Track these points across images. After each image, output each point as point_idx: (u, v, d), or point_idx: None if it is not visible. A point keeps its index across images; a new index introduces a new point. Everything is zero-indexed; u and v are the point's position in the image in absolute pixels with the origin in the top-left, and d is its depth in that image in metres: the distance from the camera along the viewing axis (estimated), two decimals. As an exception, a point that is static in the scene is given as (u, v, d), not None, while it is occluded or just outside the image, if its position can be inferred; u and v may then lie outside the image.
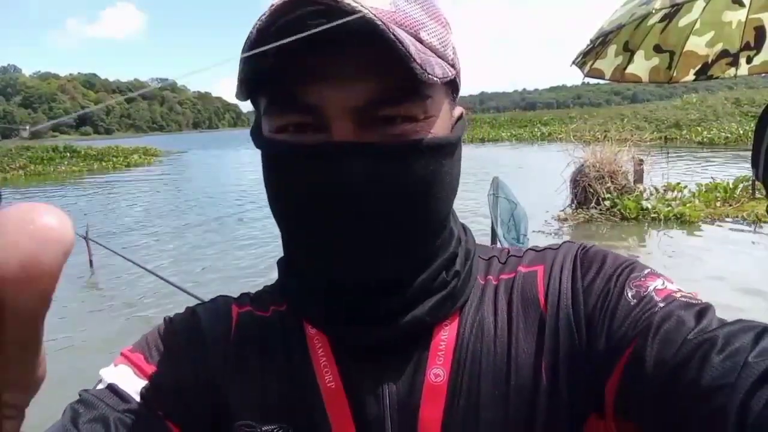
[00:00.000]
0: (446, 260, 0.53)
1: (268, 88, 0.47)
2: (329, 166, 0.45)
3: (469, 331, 0.52)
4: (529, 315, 0.52)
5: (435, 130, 0.48)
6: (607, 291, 0.49)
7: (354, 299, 0.50)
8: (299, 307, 0.55)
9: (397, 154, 0.46)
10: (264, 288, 0.62)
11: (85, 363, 4.41)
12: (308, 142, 0.46)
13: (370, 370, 0.51)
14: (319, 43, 0.41)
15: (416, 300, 0.50)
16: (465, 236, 0.57)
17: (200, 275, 6.81)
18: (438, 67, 0.45)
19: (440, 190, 0.49)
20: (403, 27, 0.45)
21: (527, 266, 0.56)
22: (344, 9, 0.40)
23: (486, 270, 0.57)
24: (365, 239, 0.47)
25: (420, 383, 0.51)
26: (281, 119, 0.47)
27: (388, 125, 0.46)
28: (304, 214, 0.48)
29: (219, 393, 0.54)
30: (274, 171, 0.49)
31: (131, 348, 0.57)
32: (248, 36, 0.43)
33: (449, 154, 0.50)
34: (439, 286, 0.52)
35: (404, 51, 0.41)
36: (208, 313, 0.59)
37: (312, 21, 0.40)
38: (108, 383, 0.52)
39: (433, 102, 0.48)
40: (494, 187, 6.11)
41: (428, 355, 0.51)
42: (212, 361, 0.55)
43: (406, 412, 0.50)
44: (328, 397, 0.51)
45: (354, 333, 0.51)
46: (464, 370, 0.51)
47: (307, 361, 0.53)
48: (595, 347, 0.48)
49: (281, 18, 0.41)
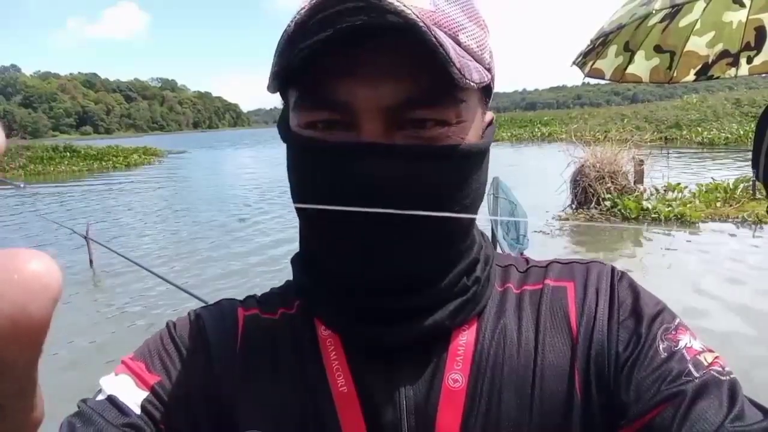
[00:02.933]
0: (468, 265, 0.52)
1: (300, 82, 0.46)
2: (356, 166, 0.43)
3: (490, 337, 0.51)
4: (558, 330, 0.51)
5: (466, 135, 0.47)
6: (639, 336, 0.49)
7: (373, 299, 0.48)
8: (314, 306, 0.53)
9: (426, 159, 0.45)
10: (271, 290, 0.60)
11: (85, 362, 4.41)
12: (336, 141, 0.45)
13: (385, 374, 0.50)
14: (356, 40, 0.41)
15: (437, 303, 0.49)
16: (484, 243, 0.56)
17: (200, 275, 6.81)
18: (476, 71, 0.44)
19: (467, 197, 0.48)
20: (442, 28, 0.44)
21: (555, 280, 0.55)
22: (385, 7, 0.38)
23: (504, 278, 0.56)
24: (388, 242, 0.46)
25: (438, 388, 0.49)
26: (310, 115, 0.46)
27: (419, 128, 0.45)
28: (329, 212, 0.46)
29: (225, 403, 0.52)
30: (300, 166, 0.48)
31: (132, 356, 0.54)
32: (286, 29, 0.42)
33: (478, 161, 0.49)
34: (460, 291, 0.50)
35: (444, 54, 0.39)
36: (212, 318, 0.57)
37: (352, 17, 0.40)
38: (108, 394, 0.50)
39: (467, 107, 0.46)
40: (494, 188, 6.11)
41: (446, 360, 0.50)
42: (218, 370, 0.53)
43: (423, 417, 0.48)
44: (339, 401, 0.49)
45: (371, 333, 0.49)
46: (484, 376, 0.49)
47: (318, 364, 0.51)
48: (620, 389, 0.47)
49: (320, 13, 0.40)
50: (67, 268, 7.54)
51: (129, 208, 13.21)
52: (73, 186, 19.04)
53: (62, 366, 4.40)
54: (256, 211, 11.43)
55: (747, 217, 7.97)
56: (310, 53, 0.41)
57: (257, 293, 0.61)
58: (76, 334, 5.08)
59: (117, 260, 6.37)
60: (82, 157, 28.78)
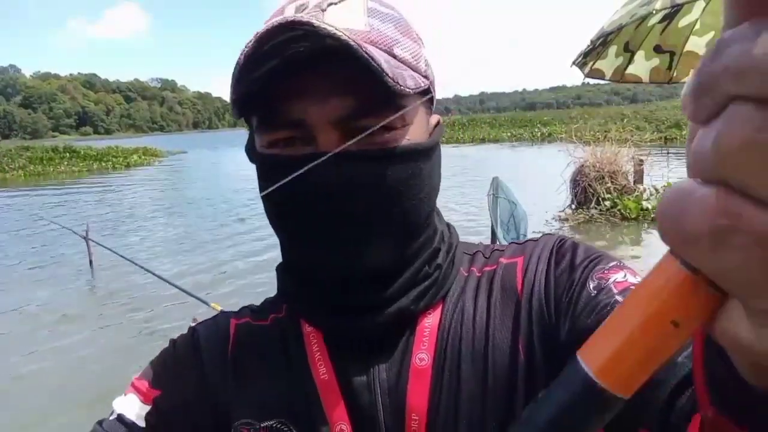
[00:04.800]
0: (430, 255, 0.57)
1: (258, 108, 0.51)
2: (314, 174, 0.47)
3: (450, 317, 0.57)
4: (507, 301, 0.57)
5: (411, 136, 0.52)
6: (573, 280, 0.53)
7: (343, 292, 0.54)
8: (295, 306, 0.60)
9: (376, 160, 0.50)
10: (265, 299, 0.67)
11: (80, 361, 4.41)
12: (296, 154, 0.51)
13: (361, 360, 0.55)
14: (301, 64, 0.47)
15: (401, 291, 0.54)
16: (449, 233, 0.62)
17: (201, 275, 6.81)
18: (410, 78, 0.49)
19: (420, 191, 0.53)
20: (377, 45, 0.50)
21: (508, 258, 0.61)
22: (321, 33, 0.44)
23: (470, 263, 0.62)
24: (351, 237, 0.51)
25: (407, 368, 0.54)
26: (271, 135, 0.52)
27: (369, 135, 0.50)
28: (296, 218, 0.52)
29: (220, 407, 0.58)
30: (268, 182, 0.53)
31: (139, 376, 0.61)
32: (237, 62, 0.47)
33: (427, 158, 0.54)
34: (422, 278, 0.56)
35: (377, 67, 0.45)
36: (207, 330, 0.64)
37: (295, 44, 0.45)
38: (117, 414, 0.57)
39: (409, 111, 0.51)
40: (494, 188, 6.12)
41: (414, 341, 0.56)
42: (211, 378, 0.59)
43: (396, 395, 0.54)
44: (322, 387, 0.55)
45: (344, 324, 0.55)
46: (446, 352, 0.55)
47: (302, 357, 0.57)
48: (560, 332, 0.52)
49: (266, 44, 0.46)
50: (67, 268, 7.54)
51: (129, 209, 13.21)
52: (72, 186, 19.04)
53: (60, 365, 4.40)
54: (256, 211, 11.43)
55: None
56: (263, 81, 0.47)
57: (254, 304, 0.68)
58: (75, 333, 5.08)
59: (117, 260, 6.37)
60: (82, 158, 28.77)
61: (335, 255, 0.52)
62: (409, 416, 0.53)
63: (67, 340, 4.98)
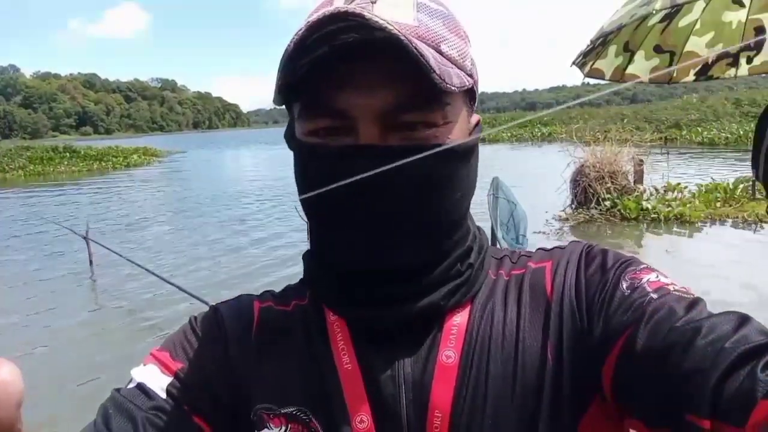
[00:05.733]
0: (462, 253, 0.57)
1: (302, 95, 0.51)
2: (355, 166, 0.48)
3: (479, 317, 0.56)
4: (537, 304, 0.56)
5: (453, 135, 0.52)
6: (605, 281, 0.53)
7: (373, 284, 0.53)
8: (321, 293, 0.59)
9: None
10: (287, 286, 0.66)
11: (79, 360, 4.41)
12: (337, 145, 0.51)
13: (386, 352, 0.55)
14: (349, 55, 0.47)
15: (432, 287, 0.54)
16: (479, 235, 0.62)
17: (201, 274, 6.82)
18: (456, 77, 0.49)
19: (456, 191, 0.53)
20: (425, 40, 0.49)
21: (537, 262, 0.60)
22: (372, 25, 0.44)
23: (497, 267, 0.62)
24: (386, 232, 0.51)
25: (433, 364, 0.54)
26: (313, 123, 0.51)
27: (410, 130, 0.50)
28: (331, 209, 0.52)
29: (241, 384, 0.57)
30: (306, 170, 0.54)
31: (159, 347, 0.60)
32: (286, 48, 0.47)
33: (466, 158, 0.54)
34: (454, 275, 0.56)
35: (425, 63, 0.44)
36: (230, 310, 0.63)
37: (344, 35, 0.45)
38: (137, 382, 0.56)
39: (452, 109, 0.52)
40: (494, 188, 6.11)
41: (441, 338, 0.55)
42: (233, 356, 0.59)
43: (420, 390, 0.53)
44: (345, 378, 0.55)
45: (371, 314, 0.54)
46: (474, 352, 0.54)
47: (326, 345, 0.57)
48: (593, 333, 0.52)
49: (316, 32, 0.46)
50: (67, 268, 7.55)
51: (129, 208, 13.22)
52: (72, 186, 19.04)
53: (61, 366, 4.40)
54: (256, 211, 11.43)
55: (747, 217, 7.97)
56: (310, 68, 0.47)
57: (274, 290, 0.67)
58: (75, 333, 5.09)
59: (117, 260, 6.38)
60: (82, 158, 28.79)
61: (369, 248, 0.51)
62: (432, 412, 0.52)
63: (67, 339, 4.98)
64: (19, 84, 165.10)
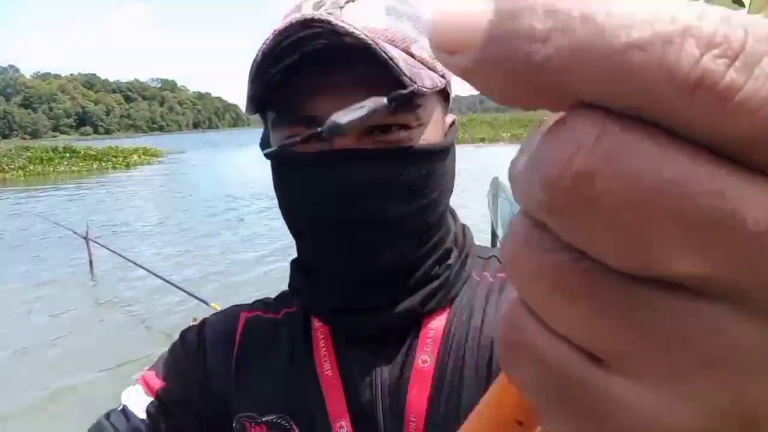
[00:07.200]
0: (441, 255, 0.57)
1: (274, 104, 0.52)
2: (330, 171, 0.49)
3: (458, 321, 0.56)
4: None
5: (427, 136, 0.52)
6: None
7: (351, 291, 0.54)
8: (305, 301, 0.60)
9: (391, 159, 0.50)
10: (282, 292, 0.66)
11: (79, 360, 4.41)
12: (310, 151, 0.51)
13: (365, 358, 0.56)
14: (318, 61, 0.47)
15: (409, 291, 0.55)
16: (462, 235, 0.61)
17: (201, 274, 6.81)
18: (427, 78, 0.49)
19: (433, 191, 0.53)
20: (395, 43, 0.50)
21: None
22: (340, 30, 0.44)
23: (483, 268, 0.61)
24: (363, 237, 0.51)
25: (409, 369, 0.54)
26: (286, 131, 0.52)
27: (384, 133, 0.50)
28: (309, 215, 0.53)
29: (222, 399, 0.58)
30: (283, 179, 0.54)
31: (149, 367, 0.62)
32: (254, 58, 0.47)
33: (441, 158, 0.54)
34: (431, 278, 0.56)
35: (394, 66, 0.45)
36: (214, 324, 0.64)
37: (313, 41, 0.45)
38: (123, 405, 0.58)
39: (425, 110, 0.52)
40: (494, 188, 6.11)
41: (418, 343, 0.55)
42: (213, 371, 0.60)
43: (396, 395, 0.54)
44: (325, 384, 0.55)
45: (351, 321, 0.55)
46: (449, 357, 0.54)
47: (309, 352, 0.58)
48: None
49: (284, 41, 0.46)
50: (67, 269, 7.54)
51: (129, 208, 13.21)
52: (72, 186, 19.04)
53: (61, 366, 4.40)
54: (255, 211, 11.43)
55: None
56: (281, 77, 0.48)
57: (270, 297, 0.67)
58: (76, 334, 5.09)
59: (117, 260, 6.37)
60: (82, 158, 28.73)
61: (346, 254, 0.52)
62: (408, 417, 0.53)
63: (66, 338, 4.98)
64: (19, 84, 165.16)
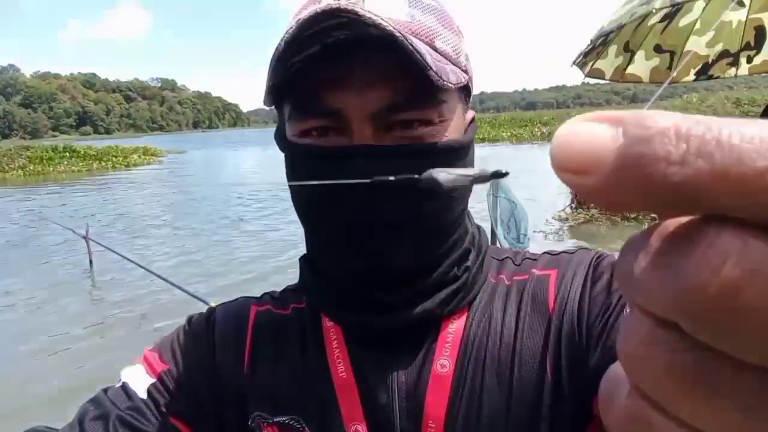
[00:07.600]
0: (459, 256, 0.55)
1: (294, 95, 0.50)
2: (349, 167, 0.47)
3: (476, 325, 0.54)
4: (537, 315, 0.54)
5: (449, 132, 0.50)
6: (609, 304, 0.50)
7: (368, 290, 0.52)
8: (316, 300, 0.58)
9: (413, 156, 0.48)
10: (287, 287, 0.65)
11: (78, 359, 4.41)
12: (330, 145, 0.49)
13: (381, 361, 0.54)
14: (341, 53, 0.45)
15: (427, 293, 0.52)
16: (479, 235, 0.59)
17: (201, 274, 6.81)
18: (452, 73, 0.47)
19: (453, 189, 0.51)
20: (419, 36, 0.48)
21: (541, 269, 0.57)
22: (365, 21, 0.42)
23: (498, 269, 0.59)
24: (381, 234, 0.49)
25: (427, 373, 0.52)
26: (305, 123, 0.50)
27: (406, 129, 0.48)
28: (325, 212, 0.50)
29: (229, 393, 0.57)
30: (299, 172, 0.52)
31: (151, 348, 0.60)
32: (276, 47, 0.45)
33: (462, 156, 0.52)
34: (450, 280, 0.54)
35: (421, 60, 0.43)
36: (225, 313, 0.62)
37: (336, 32, 0.43)
38: (122, 382, 0.56)
39: (448, 106, 0.50)
40: (494, 187, 6.11)
41: (436, 347, 0.53)
42: (220, 362, 0.58)
43: (413, 400, 0.52)
44: (339, 386, 0.54)
45: (366, 322, 0.53)
46: (469, 362, 0.53)
47: (321, 352, 0.56)
48: (590, 355, 0.49)
49: (307, 30, 0.44)
50: (67, 268, 7.54)
51: (129, 208, 13.21)
52: (72, 186, 19.03)
53: (61, 365, 4.40)
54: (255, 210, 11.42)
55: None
56: (301, 67, 0.46)
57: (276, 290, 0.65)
58: (76, 334, 5.08)
59: (117, 260, 6.37)
60: (82, 158, 28.71)
61: (363, 253, 0.50)
62: (426, 423, 0.51)
63: (66, 338, 4.98)
64: (19, 84, 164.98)
